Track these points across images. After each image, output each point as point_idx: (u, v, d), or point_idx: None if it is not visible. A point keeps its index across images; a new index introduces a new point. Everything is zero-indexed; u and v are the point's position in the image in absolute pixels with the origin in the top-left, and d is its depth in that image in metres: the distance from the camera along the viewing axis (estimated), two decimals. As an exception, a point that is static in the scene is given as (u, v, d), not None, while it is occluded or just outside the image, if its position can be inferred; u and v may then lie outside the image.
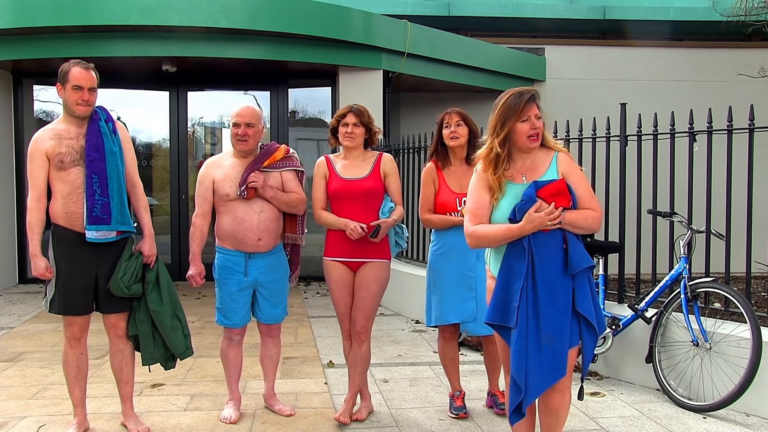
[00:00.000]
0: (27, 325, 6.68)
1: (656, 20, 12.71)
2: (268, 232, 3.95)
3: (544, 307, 2.80)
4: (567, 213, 2.82)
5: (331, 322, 6.63)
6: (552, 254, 2.82)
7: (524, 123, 2.87)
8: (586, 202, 2.90)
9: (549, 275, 2.81)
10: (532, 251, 2.81)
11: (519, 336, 2.81)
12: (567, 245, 2.84)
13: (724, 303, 4.52)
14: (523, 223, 2.79)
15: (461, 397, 4.22)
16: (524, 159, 2.96)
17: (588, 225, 2.88)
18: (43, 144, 3.53)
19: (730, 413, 4.14)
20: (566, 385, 2.97)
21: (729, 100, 5.21)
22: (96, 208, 3.49)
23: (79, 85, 3.52)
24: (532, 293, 2.80)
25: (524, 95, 2.88)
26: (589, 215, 2.87)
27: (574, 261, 2.83)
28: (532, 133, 2.87)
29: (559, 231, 2.84)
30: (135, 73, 8.77)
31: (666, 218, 4.81)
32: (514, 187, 2.91)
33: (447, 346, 4.22)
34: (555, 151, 2.98)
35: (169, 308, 3.69)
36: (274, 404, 4.23)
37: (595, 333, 2.91)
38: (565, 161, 2.95)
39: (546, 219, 2.77)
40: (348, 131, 3.97)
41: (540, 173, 2.92)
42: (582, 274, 2.86)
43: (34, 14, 7.51)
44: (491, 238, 2.90)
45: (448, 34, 9.67)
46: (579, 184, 2.92)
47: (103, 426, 3.96)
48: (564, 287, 2.83)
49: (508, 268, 2.87)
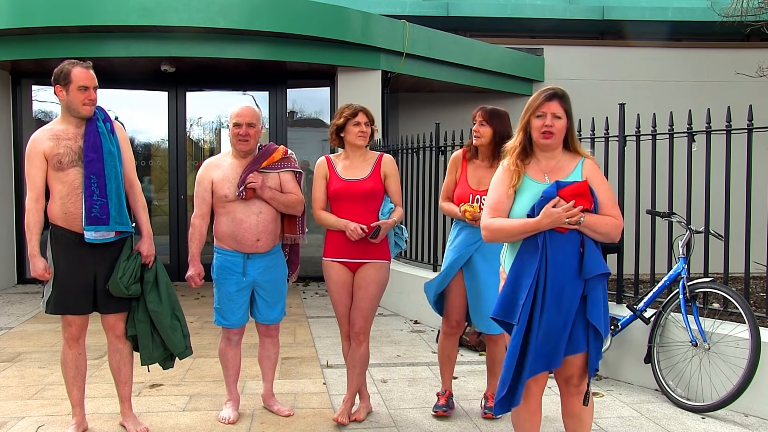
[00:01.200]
0: (26, 325, 6.67)
1: (655, 20, 12.71)
2: (267, 233, 3.95)
3: (549, 307, 2.78)
4: (588, 216, 2.78)
5: (329, 322, 6.63)
6: (566, 256, 2.79)
7: (539, 119, 2.88)
8: (607, 208, 2.87)
9: (560, 277, 2.78)
10: (546, 250, 2.78)
11: (517, 333, 2.79)
12: (584, 249, 2.80)
13: (722, 303, 4.53)
14: (540, 217, 2.76)
15: (446, 396, 4.22)
16: (548, 159, 2.95)
17: (607, 231, 2.82)
18: (41, 145, 3.52)
19: (729, 413, 4.15)
20: (582, 388, 2.95)
21: (727, 100, 5.21)
22: (94, 208, 3.49)
23: (86, 85, 3.53)
24: (541, 292, 2.77)
25: (545, 92, 2.90)
26: (609, 221, 2.83)
27: (589, 266, 2.78)
28: (544, 129, 2.87)
29: (576, 234, 2.80)
30: (133, 73, 8.76)
31: (664, 218, 4.81)
32: (535, 185, 2.89)
33: (446, 341, 4.21)
34: (582, 157, 2.97)
35: (168, 308, 3.69)
36: (272, 404, 4.23)
37: (601, 342, 2.89)
38: (591, 167, 2.94)
39: (564, 216, 2.73)
40: (362, 130, 3.97)
41: (564, 175, 2.91)
42: (596, 280, 2.82)
43: (33, 14, 7.50)
44: (507, 231, 2.86)
45: (447, 34, 9.67)
46: (602, 190, 2.89)
47: (101, 426, 3.96)
48: (573, 292, 2.80)
49: (520, 265, 2.85)
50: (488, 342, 4.20)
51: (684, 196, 4.82)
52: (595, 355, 2.89)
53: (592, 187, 2.85)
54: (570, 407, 3.01)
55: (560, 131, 2.90)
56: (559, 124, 2.89)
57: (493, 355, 4.18)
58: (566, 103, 2.91)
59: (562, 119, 2.89)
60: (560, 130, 2.90)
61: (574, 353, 2.87)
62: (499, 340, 4.09)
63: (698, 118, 4.73)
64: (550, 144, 2.91)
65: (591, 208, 2.82)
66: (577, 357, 2.89)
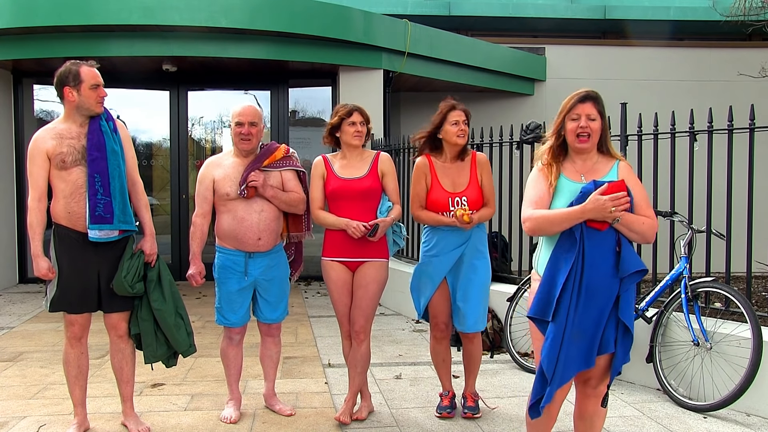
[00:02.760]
0: (27, 324, 6.68)
1: (656, 20, 12.71)
2: (268, 232, 3.95)
3: (583, 304, 2.76)
4: (625, 214, 2.77)
5: (331, 321, 6.63)
6: (603, 254, 2.78)
7: (573, 121, 2.88)
8: (642, 209, 2.86)
9: (595, 275, 2.77)
10: (583, 246, 2.77)
11: (557, 329, 2.77)
12: (620, 248, 2.79)
13: (724, 303, 4.52)
14: (586, 203, 2.74)
15: (449, 396, 4.22)
16: (584, 160, 2.95)
17: (643, 230, 2.82)
18: (44, 144, 3.51)
19: (731, 413, 4.14)
20: (601, 390, 2.94)
21: (729, 99, 5.21)
22: (98, 207, 3.48)
23: (97, 83, 3.54)
24: (577, 289, 2.76)
25: (579, 94, 2.90)
26: (645, 221, 2.83)
27: (626, 263, 2.78)
28: (580, 131, 2.87)
29: (613, 233, 2.80)
30: (135, 72, 8.77)
31: (666, 218, 4.81)
32: (571, 184, 2.89)
33: (438, 346, 4.23)
34: (617, 160, 2.96)
35: (172, 306, 3.70)
36: (274, 404, 4.23)
37: (629, 343, 2.87)
38: (626, 169, 2.94)
39: (609, 204, 2.71)
40: (357, 130, 3.96)
41: (600, 176, 2.90)
42: (631, 280, 2.82)
43: (35, 14, 7.51)
44: (552, 220, 2.82)
45: (449, 33, 9.67)
46: (637, 191, 2.88)
47: (103, 426, 3.96)
48: (608, 290, 2.79)
49: (555, 262, 2.84)
50: (464, 340, 4.18)
51: (686, 196, 4.82)
52: (622, 357, 2.87)
53: (628, 187, 2.84)
54: (584, 409, 3.00)
55: (596, 133, 2.89)
56: (594, 125, 2.88)
57: (469, 353, 4.18)
58: (600, 105, 2.91)
59: (596, 121, 2.88)
60: (596, 131, 2.89)
61: (603, 353, 2.85)
62: (475, 339, 4.12)
63: (700, 118, 4.72)
64: (587, 147, 2.90)
65: (629, 207, 2.81)
66: (602, 358, 2.88)
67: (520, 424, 4.00)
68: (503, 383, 4.84)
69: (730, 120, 4.58)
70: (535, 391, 2.84)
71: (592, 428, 3.01)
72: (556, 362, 2.76)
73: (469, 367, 4.21)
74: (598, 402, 2.97)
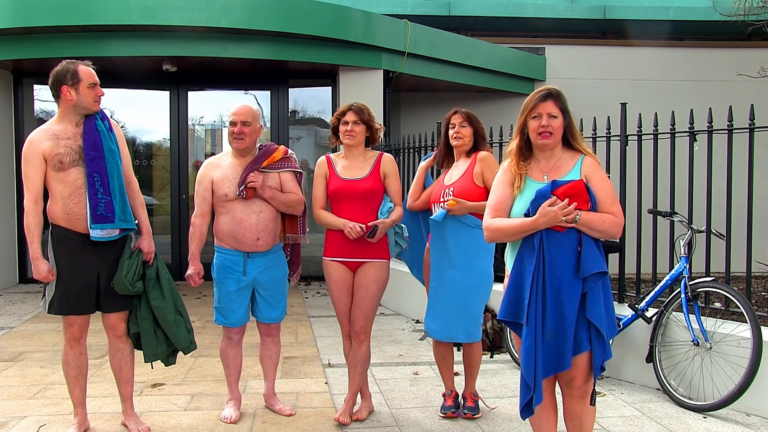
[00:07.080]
0: (27, 324, 6.68)
1: (656, 20, 12.72)
2: (267, 232, 3.95)
3: (551, 306, 2.78)
4: (584, 213, 2.78)
5: (331, 321, 6.63)
6: (564, 255, 2.79)
7: (534, 120, 2.90)
8: (606, 206, 2.86)
9: (558, 275, 2.78)
10: (543, 249, 2.78)
11: (528, 333, 2.79)
12: (581, 248, 2.80)
13: (724, 303, 4.53)
14: (537, 217, 2.77)
15: (452, 396, 4.23)
16: (548, 158, 2.96)
17: (605, 228, 2.81)
18: (40, 145, 3.48)
19: (731, 413, 4.14)
20: (584, 390, 2.94)
21: (729, 99, 5.21)
22: (100, 206, 3.48)
23: (94, 82, 3.54)
24: (541, 291, 2.78)
25: (540, 93, 2.92)
26: (607, 219, 2.82)
27: (586, 264, 2.78)
28: (541, 130, 2.88)
29: (574, 232, 2.80)
30: (135, 72, 8.77)
31: (666, 218, 4.81)
32: (534, 184, 2.90)
33: (439, 345, 4.23)
34: (582, 155, 2.96)
35: (171, 304, 3.70)
36: (274, 404, 4.23)
37: (604, 340, 2.86)
38: (590, 165, 2.93)
39: (560, 214, 2.73)
40: (348, 129, 3.97)
41: (562, 174, 2.91)
42: (594, 279, 2.81)
43: (35, 14, 7.51)
44: (506, 231, 2.88)
45: (449, 33, 9.67)
46: (601, 188, 2.88)
47: (103, 426, 3.96)
48: (573, 290, 2.79)
49: (520, 265, 2.86)
50: (463, 344, 4.18)
51: (686, 196, 4.82)
52: (601, 353, 2.86)
53: (589, 186, 2.85)
54: (571, 409, 3.00)
55: (558, 130, 2.91)
56: (556, 123, 2.89)
57: (468, 356, 4.18)
58: (561, 102, 2.92)
59: (558, 118, 2.90)
60: (557, 129, 2.91)
61: (578, 353, 2.85)
62: (474, 344, 4.12)
63: (700, 118, 4.72)
64: (548, 144, 2.92)
65: (588, 207, 2.81)
66: (580, 357, 2.87)
67: (520, 424, 4.00)
68: (503, 383, 4.84)
69: (729, 120, 4.58)
70: (523, 395, 2.85)
71: (582, 427, 3.00)
72: (534, 366, 2.77)
73: (469, 370, 4.22)
74: (586, 402, 2.95)
